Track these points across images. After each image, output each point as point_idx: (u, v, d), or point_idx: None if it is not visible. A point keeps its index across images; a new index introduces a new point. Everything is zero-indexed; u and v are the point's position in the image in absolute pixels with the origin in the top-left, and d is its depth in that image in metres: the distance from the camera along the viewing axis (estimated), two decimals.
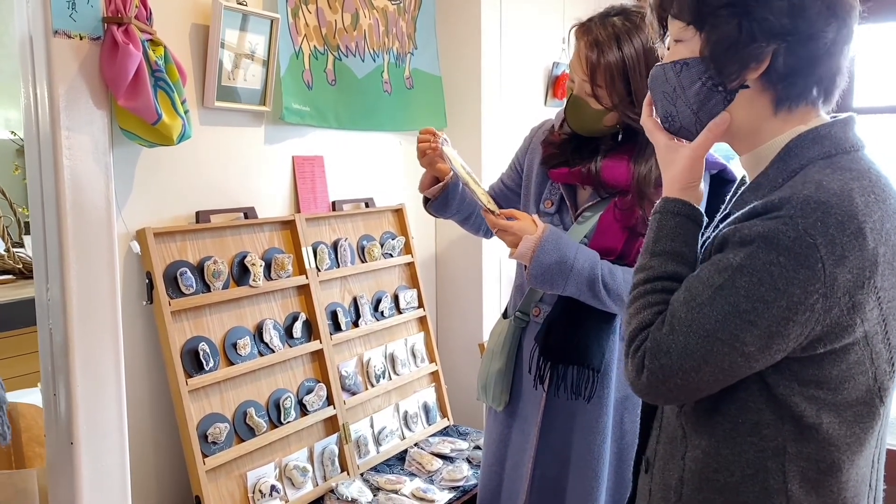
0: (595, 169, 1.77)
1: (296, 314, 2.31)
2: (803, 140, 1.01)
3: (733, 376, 0.98)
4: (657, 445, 1.15)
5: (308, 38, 2.40)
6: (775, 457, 1.00)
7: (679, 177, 1.08)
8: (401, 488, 2.29)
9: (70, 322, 1.68)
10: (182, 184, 2.09)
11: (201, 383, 2.00)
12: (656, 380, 0.99)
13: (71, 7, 1.62)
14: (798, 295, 0.91)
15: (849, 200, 0.92)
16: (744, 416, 1.01)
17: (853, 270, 0.92)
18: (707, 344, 0.95)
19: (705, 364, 0.96)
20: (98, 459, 1.75)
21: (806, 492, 1.00)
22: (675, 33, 1.07)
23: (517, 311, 1.94)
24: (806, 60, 0.98)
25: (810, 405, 0.98)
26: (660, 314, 1.02)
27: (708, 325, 0.95)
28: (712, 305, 0.95)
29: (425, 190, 1.96)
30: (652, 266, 1.06)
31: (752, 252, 0.93)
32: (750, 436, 1.01)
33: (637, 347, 1.02)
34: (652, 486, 1.14)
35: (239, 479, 2.07)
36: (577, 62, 1.74)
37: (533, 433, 1.89)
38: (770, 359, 0.96)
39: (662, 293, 1.04)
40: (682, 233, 1.06)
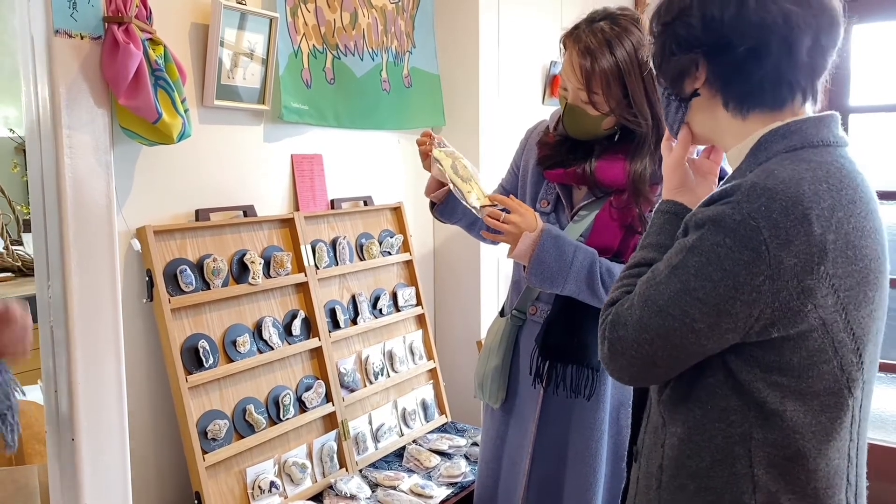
0: (590, 169, 1.79)
1: (295, 312, 2.33)
2: (773, 134, 1.05)
3: (686, 354, 1.03)
4: (644, 436, 1.19)
5: (307, 37, 2.42)
6: (742, 442, 1.04)
7: (666, 182, 1.21)
8: (399, 484, 2.30)
9: (71, 319, 1.69)
10: (182, 182, 2.10)
11: (201, 380, 2.01)
12: (615, 351, 1.07)
13: (72, 7, 1.64)
14: (743, 275, 0.96)
15: (796, 187, 0.96)
16: (713, 402, 1.05)
17: (799, 255, 0.95)
18: (659, 318, 1.02)
19: (658, 338, 1.02)
20: (99, 456, 1.76)
21: (772, 478, 1.03)
22: None
23: (514, 310, 1.96)
24: (730, 67, 1.05)
25: (773, 392, 1.01)
26: (628, 293, 1.09)
27: (661, 300, 1.02)
28: (667, 283, 1.02)
29: (430, 194, 1.97)
30: (636, 256, 1.16)
31: (703, 234, 0.99)
32: (718, 422, 1.05)
33: (603, 321, 1.10)
34: (639, 475, 1.18)
35: (238, 475, 2.08)
36: (570, 71, 1.75)
37: (530, 430, 1.91)
38: (721, 338, 1.00)
39: (635, 277, 1.11)
40: (669, 228, 1.14)
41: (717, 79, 1.07)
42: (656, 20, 1.13)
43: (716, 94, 1.08)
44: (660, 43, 1.12)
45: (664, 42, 1.10)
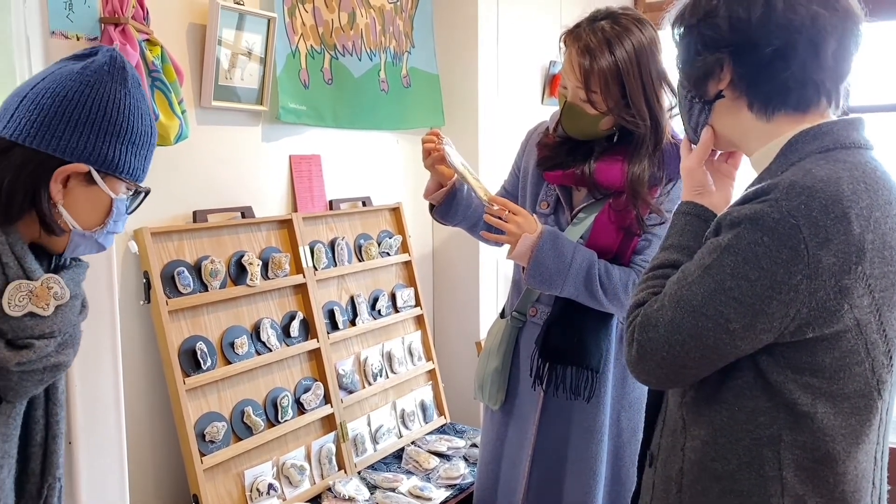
0: (589, 171, 1.78)
1: (293, 313, 2.32)
2: (804, 136, 1.05)
3: (719, 355, 1.02)
4: (660, 439, 1.17)
5: (305, 37, 2.40)
6: (770, 445, 1.02)
7: (686, 184, 1.20)
8: (398, 486, 2.30)
9: None
10: (179, 183, 2.09)
11: (199, 382, 2.00)
12: (644, 352, 1.05)
13: (68, 7, 1.62)
14: (781, 274, 0.95)
15: (835, 186, 0.95)
16: (740, 403, 1.04)
17: (838, 254, 0.94)
18: (693, 319, 1.00)
19: (691, 339, 1.01)
20: (96, 459, 1.75)
21: (801, 480, 1.02)
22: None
23: (514, 311, 1.95)
24: (757, 68, 1.05)
25: (805, 393, 1.00)
26: (655, 294, 1.08)
27: (695, 301, 1.00)
28: (700, 283, 1.00)
29: (430, 196, 1.96)
30: (658, 257, 1.15)
31: (739, 233, 0.98)
32: (746, 424, 1.04)
33: (630, 322, 1.09)
34: (655, 479, 1.17)
35: (237, 477, 2.07)
36: (569, 69, 1.74)
37: (531, 432, 1.90)
38: (755, 338, 0.99)
39: (661, 278, 1.10)
40: (690, 229, 1.14)
41: (742, 80, 1.07)
42: (679, 22, 1.13)
43: (741, 95, 1.08)
44: (685, 44, 1.12)
45: (689, 43, 1.11)
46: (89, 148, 1.09)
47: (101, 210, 1.14)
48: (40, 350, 1.07)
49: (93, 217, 1.14)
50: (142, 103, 1.15)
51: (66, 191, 1.10)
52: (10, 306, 1.04)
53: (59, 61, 1.14)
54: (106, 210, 1.14)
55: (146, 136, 1.16)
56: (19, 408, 1.13)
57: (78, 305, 1.15)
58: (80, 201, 1.11)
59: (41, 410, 1.18)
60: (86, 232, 1.13)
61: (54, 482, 1.21)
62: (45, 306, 1.08)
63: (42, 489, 1.20)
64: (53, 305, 1.09)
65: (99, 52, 1.13)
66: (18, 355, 1.05)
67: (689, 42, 1.11)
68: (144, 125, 1.15)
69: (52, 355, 1.10)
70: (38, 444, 1.19)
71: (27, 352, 1.06)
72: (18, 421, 1.13)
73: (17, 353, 1.05)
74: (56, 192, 1.08)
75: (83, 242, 1.15)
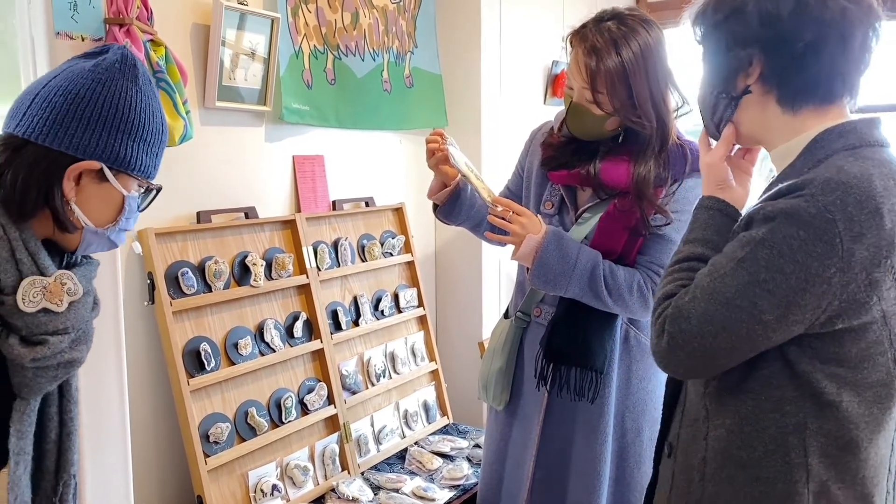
0: (594, 171, 1.78)
1: (296, 314, 2.32)
2: (830, 133, 1.08)
3: (750, 346, 1.04)
4: (680, 430, 1.20)
5: (308, 37, 2.40)
6: (796, 432, 1.05)
7: (707, 179, 1.22)
8: (401, 487, 2.30)
9: None
10: (183, 184, 2.09)
11: (203, 383, 2.00)
12: (675, 344, 1.06)
13: (72, 8, 1.62)
14: (816, 267, 0.98)
15: (868, 183, 0.98)
16: (767, 392, 1.07)
17: (870, 248, 0.97)
18: (726, 311, 1.02)
19: (723, 330, 1.03)
20: (100, 460, 1.75)
21: (825, 467, 1.06)
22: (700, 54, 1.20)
23: (518, 311, 1.95)
24: (789, 62, 1.07)
25: (831, 383, 1.04)
26: (683, 287, 1.10)
27: (728, 293, 1.02)
28: (734, 275, 1.03)
29: (433, 196, 1.96)
30: (683, 250, 1.17)
31: (774, 227, 1.00)
32: (772, 412, 1.07)
33: (659, 314, 1.10)
34: (675, 469, 1.19)
35: (240, 478, 2.07)
36: (575, 69, 1.74)
37: (534, 432, 1.90)
38: (787, 330, 1.02)
39: (688, 271, 1.12)
40: (713, 223, 1.16)
41: (773, 74, 1.09)
42: (702, 19, 1.15)
43: (770, 89, 1.10)
44: (713, 40, 1.14)
45: (718, 39, 1.12)
46: (101, 145, 1.09)
47: (114, 207, 1.15)
48: (54, 346, 1.08)
49: (105, 214, 1.14)
50: (153, 101, 1.15)
51: (78, 188, 1.10)
52: (25, 302, 1.05)
53: (71, 59, 1.14)
54: (118, 207, 1.15)
55: (157, 133, 1.16)
56: (34, 405, 1.13)
57: (90, 302, 1.15)
58: (92, 199, 1.12)
59: (55, 407, 1.19)
60: (98, 229, 1.14)
61: (69, 479, 1.22)
62: (58, 302, 1.08)
63: (57, 486, 1.20)
64: (67, 301, 1.09)
65: (110, 50, 1.13)
66: (33, 351, 1.06)
67: (718, 38, 1.12)
68: (156, 122, 1.15)
69: (65, 351, 1.10)
70: (53, 442, 1.19)
71: (41, 348, 1.07)
72: (33, 418, 1.14)
73: (31, 350, 1.06)
74: (69, 190, 1.09)
75: (96, 240, 1.15)
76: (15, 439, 1.10)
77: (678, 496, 1.18)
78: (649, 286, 1.75)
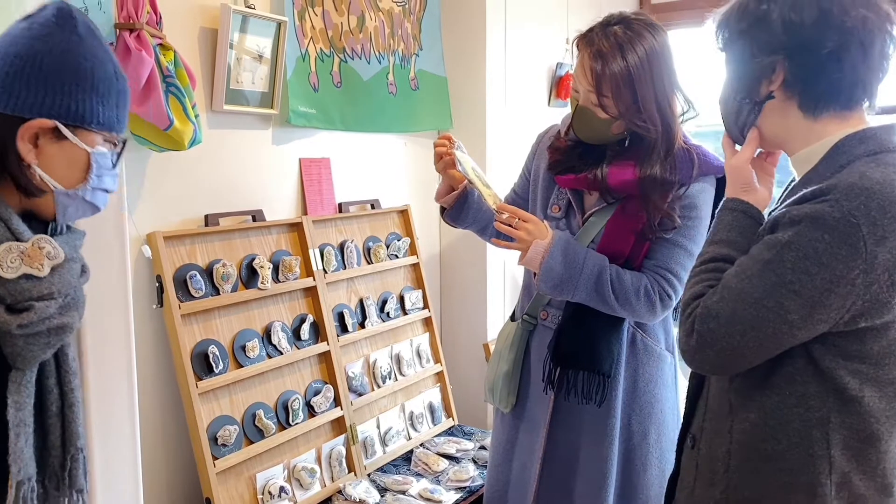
0: (601, 175, 1.78)
1: (303, 316, 2.33)
2: (851, 139, 1.12)
3: (776, 344, 1.09)
4: (703, 422, 1.25)
5: (314, 40, 2.41)
6: (820, 426, 1.10)
7: (732, 181, 1.25)
8: (408, 489, 2.30)
9: (82, 326, 1.69)
10: (191, 187, 2.10)
11: (211, 386, 2.01)
12: (704, 342, 1.11)
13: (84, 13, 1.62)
14: (840, 269, 1.02)
15: (890, 188, 1.03)
16: (791, 388, 1.12)
17: (892, 250, 1.02)
18: (754, 310, 1.07)
19: (751, 329, 1.08)
20: (110, 462, 1.76)
21: (847, 459, 1.11)
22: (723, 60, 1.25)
23: (525, 314, 1.95)
24: (811, 69, 1.11)
25: (853, 379, 1.09)
26: (711, 287, 1.15)
27: (756, 293, 1.07)
28: (761, 277, 1.07)
29: (441, 199, 1.97)
30: (708, 251, 1.21)
31: (800, 230, 1.05)
32: (797, 407, 1.12)
33: (689, 314, 1.15)
34: (699, 460, 1.24)
35: (248, 480, 2.08)
36: (581, 73, 1.74)
37: (541, 435, 1.90)
38: (812, 329, 1.07)
39: (715, 272, 1.17)
40: (737, 225, 1.21)
41: (796, 80, 1.13)
42: (725, 26, 1.19)
43: (792, 95, 1.14)
44: (737, 48, 1.18)
45: (743, 46, 1.17)
46: (48, 102, 1.06)
47: (80, 165, 1.11)
48: (41, 311, 1.07)
49: (72, 174, 1.11)
50: (98, 50, 1.11)
51: (38, 150, 1.08)
52: (4, 268, 1.04)
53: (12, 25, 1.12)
54: (84, 165, 1.12)
55: (109, 81, 1.11)
56: (30, 375, 1.12)
57: (77, 268, 1.14)
58: (55, 159, 1.09)
59: (53, 379, 1.17)
60: (69, 191, 1.11)
61: (77, 453, 1.20)
62: (39, 267, 1.07)
63: (65, 461, 1.19)
64: (48, 266, 1.08)
65: (46, 7, 1.10)
66: (19, 318, 1.05)
67: (742, 46, 1.17)
68: (105, 71, 1.11)
69: (54, 317, 1.09)
70: (56, 415, 1.18)
71: (28, 314, 1.06)
72: (31, 389, 1.12)
73: (17, 316, 1.05)
74: (26, 152, 1.07)
75: (71, 203, 1.13)
76: (13, 411, 1.09)
77: (703, 486, 1.23)
78: (656, 290, 1.75)
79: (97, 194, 1.16)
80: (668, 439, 1.90)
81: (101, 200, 1.18)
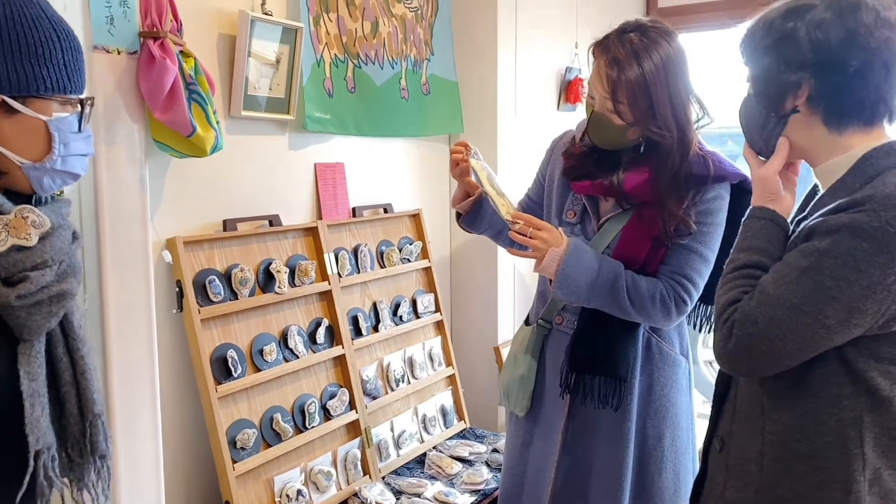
0: (617, 181, 1.80)
1: (319, 320, 2.34)
2: (878, 152, 1.17)
3: (812, 348, 1.14)
4: (732, 425, 1.29)
5: (329, 46, 2.43)
6: (853, 425, 1.15)
7: (757, 191, 1.30)
8: (423, 492, 2.32)
9: (107, 331, 1.71)
10: (210, 192, 2.11)
11: (230, 390, 2.02)
12: (742, 346, 1.16)
13: (109, 22, 1.65)
14: (877, 276, 1.07)
15: None
16: (826, 390, 1.16)
17: None
18: (793, 315, 1.11)
19: (790, 333, 1.12)
20: (133, 466, 1.78)
21: (878, 455, 1.15)
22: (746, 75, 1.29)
23: (540, 319, 1.97)
24: (837, 86, 1.16)
25: (885, 380, 1.14)
26: (746, 293, 1.19)
27: (794, 299, 1.12)
28: (799, 283, 1.12)
29: (457, 204, 1.98)
30: (739, 258, 1.25)
31: (838, 239, 1.09)
32: (831, 407, 1.16)
33: (726, 319, 1.19)
34: (728, 462, 1.28)
35: (266, 483, 2.10)
36: (597, 80, 1.76)
37: (557, 439, 1.92)
38: (848, 333, 1.12)
39: (748, 278, 1.21)
40: (765, 233, 1.25)
41: (821, 97, 1.17)
42: (751, 41, 1.24)
43: (816, 110, 1.19)
44: (764, 63, 1.22)
45: (769, 62, 1.21)
46: None
47: (40, 136, 1.08)
48: (37, 280, 1.06)
49: (35, 146, 1.09)
50: (28, 9, 1.06)
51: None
52: None
53: None
54: (45, 135, 1.08)
55: (48, 42, 1.06)
56: (39, 346, 1.12)
57: (68, 235, 1.13)
58: (13, 134, 1.06)
59: (62, 348, 1.18)
60: (36, 164, 1.09)
61: (95, 419, 1.21)
62: (27, 237, 1.06)
63: (84, 428, 1.20)
64: (36, 235, 1.07)
65: None
66: (16, 289, 1.05)
67: (769, 61, 1.20)
68: (41, 32, 1.06)
69: (52, 285, 1.09)
70: (69, 383, 1.18)
71: (24, 284, 1.05)
72: (41, 360, 1.13)
73: (14, 289, 1.05)
74: None
75: (44, 175, 1.10)
76: (27, 381, 1.10)
77: (735, 487, 1.27)
78: (672, 295, 1.77)
79: (70, 161, 1.12)
80: (682, 442, 1.92)
81: (79, 166, 1.15)
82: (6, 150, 1.06)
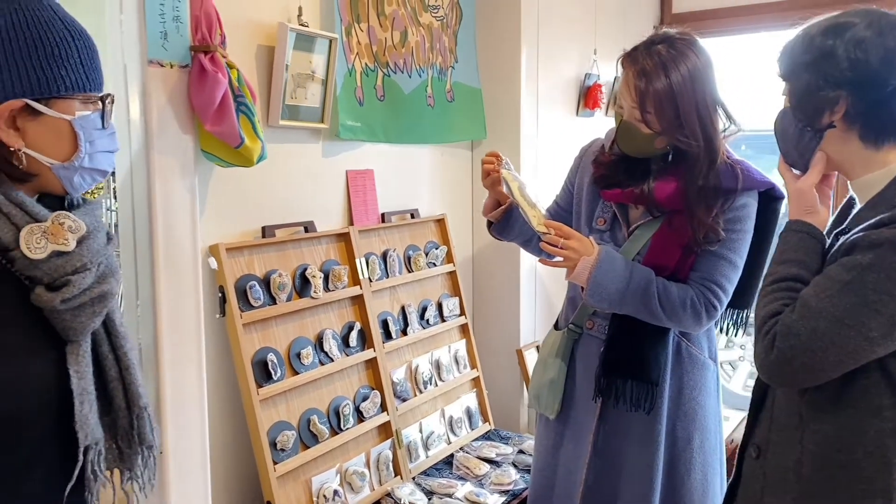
0: (648, 190, 1.84)
1: (351, 324, 2.40)
2: None
3: (854, 360, 1.16)
4: (769, 434, 1.31)
5: (360, 55, 2.48)
6: (893, 435, 1.18)
7: (793, 205, 1.33)
8: (454, 492, 2.37)
9: (160, 337, 1.76)
10: (249, 200, 2.16)
11: (270, 392, 2.07)
12: (784, 358, 1.18)
13: (163, 37, 1.70)
14: None
15: None
16: (866, 401, 1.19)
17: None
18: (835, 328, 1.14)
19: (832, 345, 1.14)
20: (183, 468, 1.82)
21: None
22: (783, 88, 1.30)
23: (571, 324, 2.01)
24: (874, 103, 1.19)
25: None
26: (787, 305, 1.21)
27: (837, 312, 1.14)
28: (841, 296, 1.14)
29: (488, 213, 2.03)
30: (778, 271, 1.27)
31: (881, 253, 1.12)
32: (871, 418, 1.18)
33: (767, 331, 1.21)
34: (766, 470, 1.31)
35: (304, 484, 2.15)
36: (625, 90, 1.80)
37: (588, 441, 1.96)
38: (890, 345, 1.14)
39: (788, 290, 1.23)
40: (803, 245, 1.27)
41: (858, 114, 1.21)
42: (789, 57, 1.27)
43: (853, 126, 1.22)
44: (803, 80, 1.25)
45: (808, 78, 1.23)
46: (8, 82, 1.05)
47: (66, 136, 1.10)
48: (79, 283, 1.10)
49: (61, 146, 1.10)
50: (41, 12, 1.07)
51: (22, 132, 1.07)
52: (32, 250, 1.06)
53: None
54: (70, 134, 1.10)
55: (63, 42, 1.08)
56: (85, 346, 1.16)
57: (103, 237, 1.16)
58: (40, 136, 1.08)
59: (106, 346, 1.22)
60: (65, 164, 1.11)
61: (141, 412, 1.25)
62: (65, 242, 1.09)
63: (132, 421, 1.24)
64: (73, 239, 1.10)
65: None
66: (60, 294, 1.08)
67: (808, 77, 1.23)
68: (55, 33, 1.08)
69: (94, 286, 1.12)
70: (116, 379, 1.22)
71: (67, 288, 1.09)
72: (88, 358, 1.17)
73: (58, 293, 1.08)
74: (8, 138, 1.06)
75: (73, 174, 1.13)
76: (76, 380, 1.13)
77: (772, 494, 1.30)
78: (702, 301, 1.82)
79: (97, 158, 1.14)
80: (711, 444, 1.97)
81: (106, 162, 1.17)
82: (35, 152, 1.08)
